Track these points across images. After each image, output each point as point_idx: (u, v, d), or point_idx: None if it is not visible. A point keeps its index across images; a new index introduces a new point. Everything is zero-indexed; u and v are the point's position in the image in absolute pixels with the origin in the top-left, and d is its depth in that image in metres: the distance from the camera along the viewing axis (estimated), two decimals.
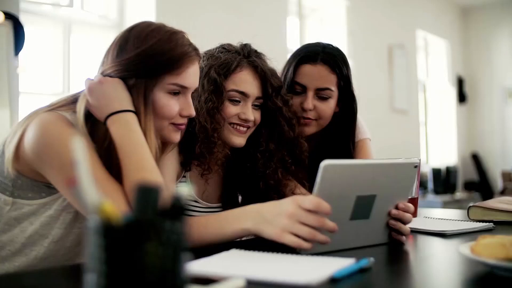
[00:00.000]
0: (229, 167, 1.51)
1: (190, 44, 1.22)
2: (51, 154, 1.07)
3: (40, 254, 1.16)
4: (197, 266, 0.85)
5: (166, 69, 1.16)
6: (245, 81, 1.39)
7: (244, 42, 1.47)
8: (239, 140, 1.41)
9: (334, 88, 1.67)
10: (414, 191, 1.60)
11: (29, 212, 1.15)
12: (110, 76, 1.15)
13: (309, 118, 1.66)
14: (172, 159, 1.34)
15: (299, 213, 0.98)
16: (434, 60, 7.55)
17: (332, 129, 1.73)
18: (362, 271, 0.87)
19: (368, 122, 6.12)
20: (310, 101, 1.64)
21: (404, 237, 1.17)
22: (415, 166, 1.14)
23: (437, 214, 1.73)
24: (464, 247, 0.89)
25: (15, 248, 1.15)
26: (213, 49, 1.45)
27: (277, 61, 1.57)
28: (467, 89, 7.82)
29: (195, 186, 1.44)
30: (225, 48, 1.44)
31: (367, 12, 6.06)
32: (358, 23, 5.90)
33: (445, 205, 5.78)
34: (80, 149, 0.57)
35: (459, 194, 6.40)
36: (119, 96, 1.13)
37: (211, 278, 0.78)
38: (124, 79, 1.15)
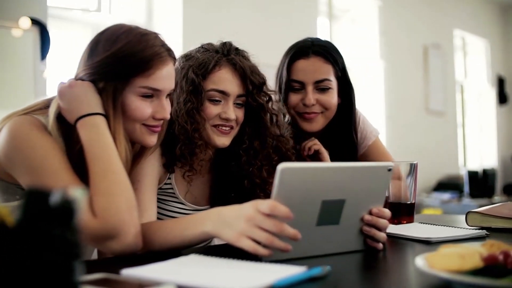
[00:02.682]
0: (217, 168, 1.50)
1: (163, 45, 1.21)
2: (20, 157, 1.09)
3: None
4: (137, 271, 0.84)
5: (135, 72, 1.16)
6: (224, 80, 1.37)
7: (224, 40, 1.46)
8: (222, 140, 1.40)
9: (332, 78, 1.67)
10: (412, 195, 1.55)
11: None
12: (82, 79, 1.16)
13: (313, 113, 1.65)
14: (153, 162, 1.34)
15: (257, 217, 0.96)
16: (473, 60, 7.33)
17: (334, 122, 1.73)
18: (314, 280, 0.84)
19: (402, 124, 6.00)
20: (311, 96, 1.64)
21: (380, 244, 1.12)
22: (389, 170, 1.09)
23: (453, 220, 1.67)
24: (420, 258, 0.84)
25: None
26: (193, 49, 1.45)
27: None
28: (508, 89, 7.54)
29: (181, 188, 1.43)
30: (204, 48, 1.44)
31: (401, 12, 5.94)
32: (391, 23, 5.79)
33: None
34: None
35: (498, 198, 6.17)
36: (88, 99, 1.14)
37: (143, 283, 0.77)
38: (94, 82, 1.15)
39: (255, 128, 1.45)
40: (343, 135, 1.74)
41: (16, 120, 1.13)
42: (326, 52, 1.66)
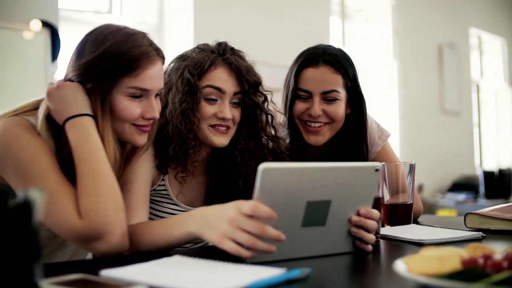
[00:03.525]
0: (212, 169, 1.50)
1: (151, 44, 1.22)
2: (9, 158, 1.10)
3: None
4: (115, 272, 0.84)
5: (123, 72, 1.16)
6: (220, 79, 1.38)
7: (220, 41, 1.46)
8: (220, 140, 1.39)
9: (341, 90, 1.61)
10: (410, 196, 1.53)
11: None
12: (71, 80, 1.17)
13: (320, 123, 1.61)
14: (146, 163, 1.34)
15: (239, 218, 0.95)
16: (489, 59, 7.22)
17: (343, 132, 1.68)
18: (292, 282, 0.83)
19: (416, 124, 5.93)
20: (317, 107, 1.59)
21: (369, 246, 1.11)
22: (376, 170, 1.08)
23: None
24: (400, 261, 0.83)
25: None
26: (188, 50, 1.45)
27: None
28: None
29: (175, 189, 1.43)
30: (200, 48, 1.44)
31: (415, 11, 5.89)
32: (405, 22, 5.74)
33: None
34: None
35: None
36: (76, 100, 1.14)
37: (116, 284, 0.77)
38: (82, 82, 1.16)
39: (251, 129, 1.45)
40: (352, 146, 1.68)
41: (5, 121, 1.15)
42: (337, 61, 1.60)
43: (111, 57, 1.15)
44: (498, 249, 0.83)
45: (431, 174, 5.86)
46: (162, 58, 1.25)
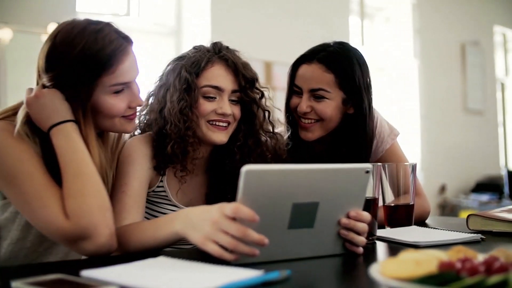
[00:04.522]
0: (212, 169, 1.50)
1: (119, 35, 1.21)
2: None
3: (1, 255, 1.21)
4: (95, 272, 0.86)
5: (100, 72, 1.17)
6: (217, 76, 1.39)
7: (215, 41, 1.48)
8: (220, 136, 1.40)
9: (330, 89, 1.58)
10: (412, 197, 1.50)
11: None
12: (49, 87, 1.18)
13: (310, 120, 1.61)
14: (142, 164, 1.35)
15: (221, 221, 0.95)
16: None
17: (344, 131, 1.65)
18: (270, 284, 0.83)
19: (438, 123, 5.80)
20: (304, 103, 1.59)
21: (360, 248, 1.09)
22: (367, 172, 1.06)
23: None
24: (376, 264, 0.81)
25: None
26: (185, 52, 1.46)
27: None
28: None
29: (173, 191, 1.44)
30: (196, 48, 1.45)
31: (436, 9, 5.81)
32: (426, 21, 5.68)
33: None
34: None
35: None
36: (56, 107, 1.15)
37: (90, 284, 0.78)
38: (60, 90, 1.17)
39: (249, 125, 1.46)
40: (352, 146, 1.65)
41: None
42: (332, 60, 1.57)
43: (85, 61, 1.15)
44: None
45: (454, 175, 5.78)
46: (131, 42, 1.25)
